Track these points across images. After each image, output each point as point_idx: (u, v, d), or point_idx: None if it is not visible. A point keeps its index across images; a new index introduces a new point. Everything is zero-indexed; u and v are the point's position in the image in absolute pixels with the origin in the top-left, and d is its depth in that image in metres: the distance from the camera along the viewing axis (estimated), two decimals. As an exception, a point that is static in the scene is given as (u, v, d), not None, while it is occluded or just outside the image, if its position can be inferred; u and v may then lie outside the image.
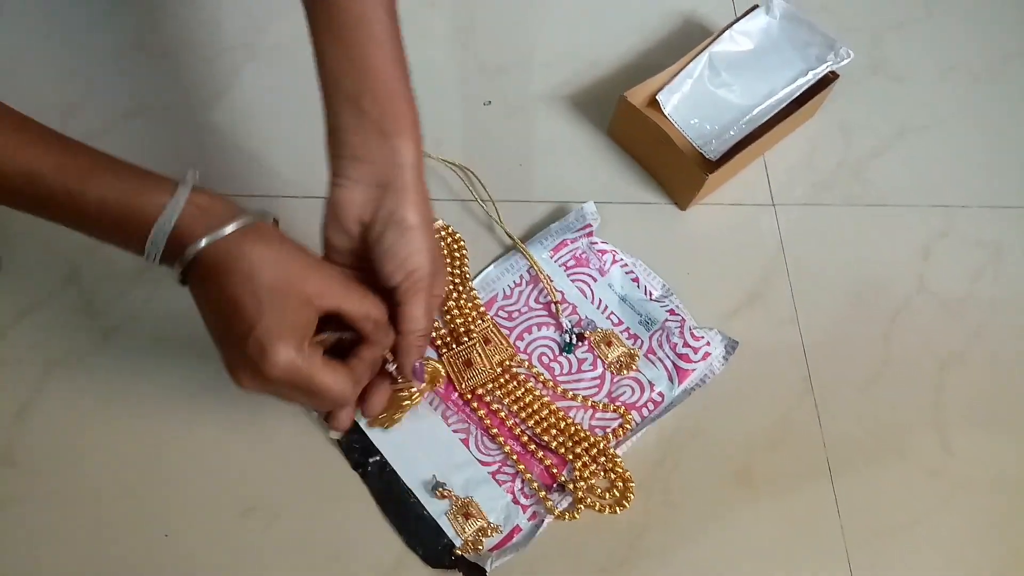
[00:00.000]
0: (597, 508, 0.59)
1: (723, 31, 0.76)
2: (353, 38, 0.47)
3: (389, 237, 0.47)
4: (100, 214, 0.43)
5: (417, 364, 0.52)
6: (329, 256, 0.50)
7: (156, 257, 0.44)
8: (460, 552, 0.57)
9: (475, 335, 0.63)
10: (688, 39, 0.81)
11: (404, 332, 0.49)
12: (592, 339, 0.65)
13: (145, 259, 0.44)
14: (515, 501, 0.59)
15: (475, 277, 0.67)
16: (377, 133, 0.47)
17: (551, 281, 0.67)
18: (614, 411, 0.62)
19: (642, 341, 0.65)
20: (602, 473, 0.60)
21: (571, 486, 0.59)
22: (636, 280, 0.67)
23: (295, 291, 0.43)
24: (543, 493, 0.59)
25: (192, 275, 0.44)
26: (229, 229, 0.43)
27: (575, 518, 0.58)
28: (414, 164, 0.48)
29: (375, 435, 0.60)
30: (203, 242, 0.42)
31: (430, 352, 0.63)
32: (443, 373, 0.62)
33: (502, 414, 0.62)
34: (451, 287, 0.66)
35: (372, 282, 0.49)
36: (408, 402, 0.58)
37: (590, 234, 0.68)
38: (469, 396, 0.62)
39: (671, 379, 0.64)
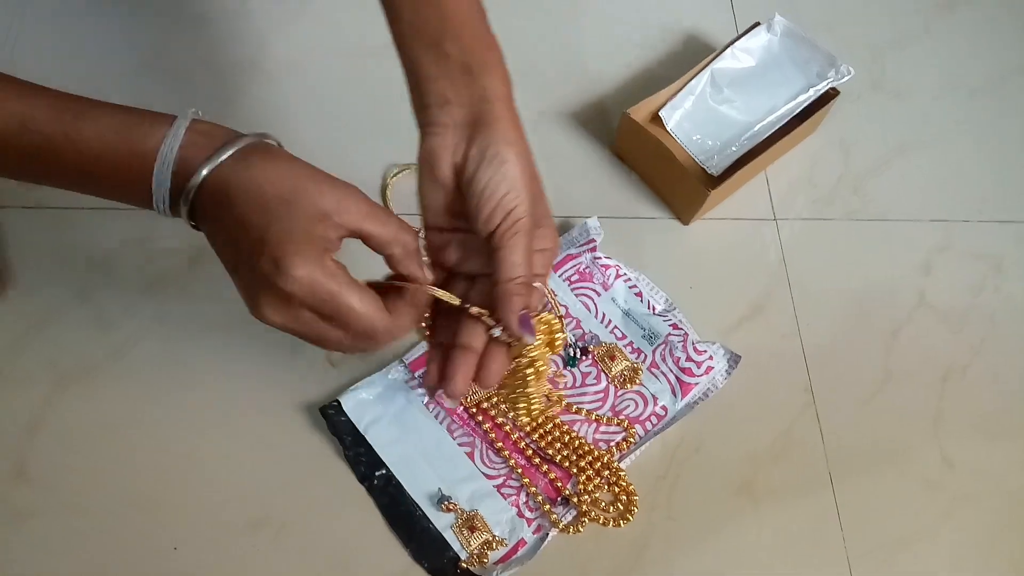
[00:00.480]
0: (601, 521, 0.59)
1: (725, 48, 0.77)
2: None
3: (483, 176, 0.43)
4: (100, 155, 0.41)
5: (522, 316, 0.44)
6: (426, 219, 0.46)
7: (165, 200, 0.41)
8: (465, 565, 0.57)
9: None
10: (690, 56, 0.81)
11: (501, 280, 0.43)
12: (596, 353, 0.65)
13: (154, 205, 0.41)
14: (520, 514, 0.60)
15: (480, 292, 0.68)
16: (463, 73, 0.44)
17: (555, 295, 0.67)
18: (618, 425, 0.63)
19: (645, 355, 0.66)
20: (606, 486, 0.61)
21: (575, 499, 0.60)
22: (639, 294, 0.68)
23: (308, 203, 0.39)
24: (548, 506, 0.59)
25: (201, 214, 0.41)
26: (229, 152, 0.40)
27: (579, 531, 0.59)
28: (504, 97, 0.45)
29: (381, 448, 0.60)
30: (204, 170, 0.40)
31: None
32: (557, 322, 0.50)
33: (507, 428, 0.62)
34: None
35: (473, 244, 0.45)
36: (531, 370, 0.48)
37: (593, 249, 0.69)
38: (474, 410, 0.62)
39: (674, 393, 0.64)
